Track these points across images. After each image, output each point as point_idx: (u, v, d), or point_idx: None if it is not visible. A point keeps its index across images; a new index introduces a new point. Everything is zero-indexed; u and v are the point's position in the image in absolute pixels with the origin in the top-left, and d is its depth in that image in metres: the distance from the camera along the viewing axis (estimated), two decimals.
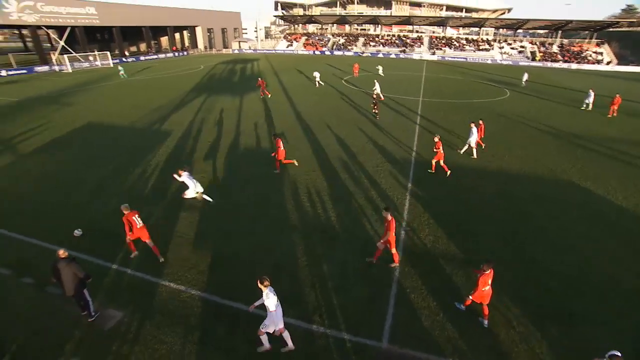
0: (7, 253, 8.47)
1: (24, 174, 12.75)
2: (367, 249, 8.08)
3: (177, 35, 79.17)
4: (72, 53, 52.88)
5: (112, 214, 9.86)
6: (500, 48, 52.82)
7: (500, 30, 62.16)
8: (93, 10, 55.47)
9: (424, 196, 10.28)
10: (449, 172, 11.65)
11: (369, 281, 7.39)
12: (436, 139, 11.69)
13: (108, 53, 55.63)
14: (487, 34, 63.69)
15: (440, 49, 54.84)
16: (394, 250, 7.63)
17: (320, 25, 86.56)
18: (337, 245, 8.28)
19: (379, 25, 70.43)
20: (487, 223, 9.01)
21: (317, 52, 70.34)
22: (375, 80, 25.44)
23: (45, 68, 48.03)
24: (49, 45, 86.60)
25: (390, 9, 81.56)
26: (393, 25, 70.44)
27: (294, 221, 9.21)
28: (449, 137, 15.22)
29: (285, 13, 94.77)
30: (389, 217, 7.33)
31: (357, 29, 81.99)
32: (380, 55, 57.10)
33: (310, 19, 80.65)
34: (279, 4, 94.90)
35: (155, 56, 68.29)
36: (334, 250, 8.11)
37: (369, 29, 78.32)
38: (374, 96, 19.03)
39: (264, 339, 6.08)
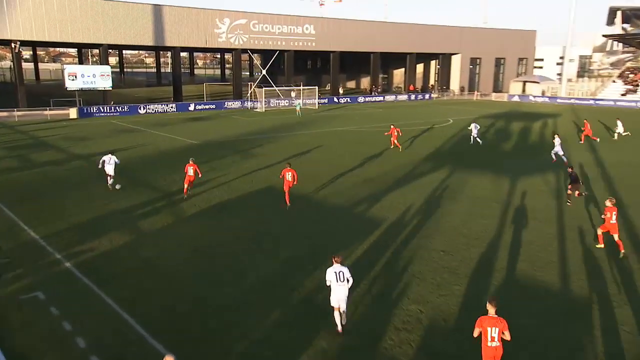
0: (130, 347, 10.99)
1: (172, 246, 16.83)
2: None
3: (419, 67, 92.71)
4: (271, 86, 70.67)
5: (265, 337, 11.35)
6: None
7: None
8: (312, 29, 73.69)
9: None
10: (622, 251, 16.44)
11: None
12: (608, 203, 16.69)
13: (316, 89, 71.04)
14: None
15: None
16: None
17: None
18: None
19: None
20: None
21: None
22: (557, 136, 31.76)
23: (237, 104, 66.36)
24: (247, 74, 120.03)
25: None
26: None
27: None
28: None
29: (631, 28, 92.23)
30: (492, 310, 9.54)
31: None
32: None
33: None
34: (618, 13, 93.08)
35: (381, 97, 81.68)
36: None
37: None
38: (569, 170, 23.31)
39: (335, 314, 11.46)
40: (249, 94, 68.07)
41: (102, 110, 56.60)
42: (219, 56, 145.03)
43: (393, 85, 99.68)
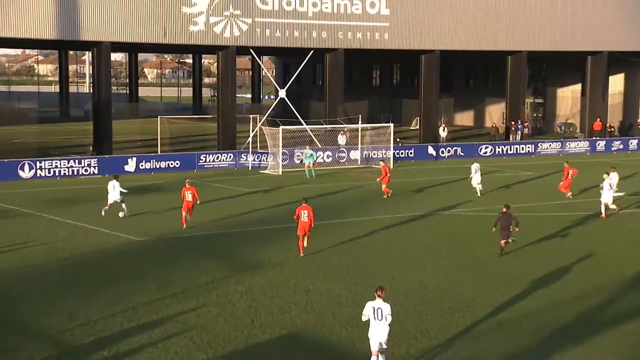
0: None
1: None
2: None
3: (614, 83, 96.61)
4: (298, 122, 72.21)
5: None
6: None
7: None
8: (383, 7, 75.09)
9: None
10: None
11: None
12: None
13: (390, 128, 72.51)
14: None
15: None
16: None
17: None
18: None
19: None
20: None
21: None
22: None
23: (225, 159, 67.33)
24: (246, 97, 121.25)
25: None
26: None
27: None
28: None
29: None
30: None
31: None
32: None
33: None
34: None
35: (530, 146, 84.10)
36: None
37: None
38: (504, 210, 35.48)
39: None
40: (249, 139, 69.04)
41: None
42: (190, 61, 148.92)
43: (557, 119, 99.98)
